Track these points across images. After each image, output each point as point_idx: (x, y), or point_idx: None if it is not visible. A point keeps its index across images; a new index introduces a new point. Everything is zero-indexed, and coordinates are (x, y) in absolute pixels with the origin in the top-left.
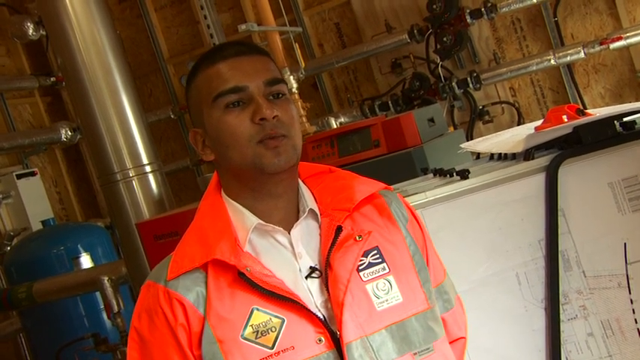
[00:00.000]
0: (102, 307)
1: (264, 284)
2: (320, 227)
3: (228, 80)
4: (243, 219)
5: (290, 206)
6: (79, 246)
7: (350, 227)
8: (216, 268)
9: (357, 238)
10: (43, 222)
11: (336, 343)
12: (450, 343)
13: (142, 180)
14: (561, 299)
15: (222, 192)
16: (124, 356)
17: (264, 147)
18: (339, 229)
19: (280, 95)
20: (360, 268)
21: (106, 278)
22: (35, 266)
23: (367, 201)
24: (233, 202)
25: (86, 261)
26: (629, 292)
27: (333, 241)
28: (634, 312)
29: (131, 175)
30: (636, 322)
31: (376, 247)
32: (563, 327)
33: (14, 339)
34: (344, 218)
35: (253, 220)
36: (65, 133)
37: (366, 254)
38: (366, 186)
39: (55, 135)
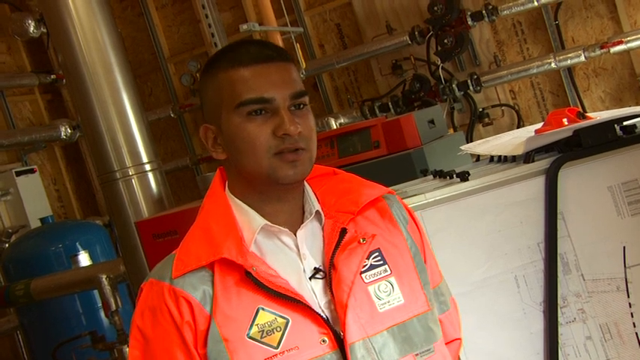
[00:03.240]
0: (100, 305)
1: (270, 284)
2: (323, 229)
3: (254, 89)
4: (249, 219)
5: (295, 208)
6: (77, 244)
7: (354, 230)
8: (222, 267)
9: (362, 240)
10: (42, 219)
11: (340, 343)
12: (446, 344)
13: (142, 179)
14: (560, 302)
15: (227, 190)
16: (120, 355)
17: (280, 160)
18: (343, 232)
19: (302, 106)
20: (363, 270)
21: (104, 276)
22: (33, 264)
23: (370, 204)
24: (238, 201)
25: (84, 259)
26: (628, 296)
27: (337, 242)
28: (632, 316)
29: (131, 173)
30: (634, 326)
31: (378, 250)
32: (562, 330)
33: (11, 336)
34: (348, 221)
35: (260, 221)
36: (65, 131)
37: (368, 256)
38: (370, 190)
39: (54, 132)
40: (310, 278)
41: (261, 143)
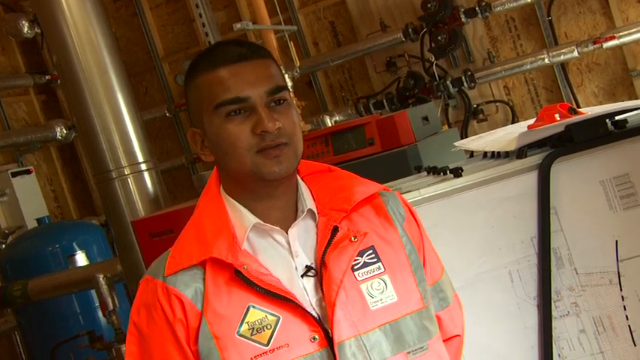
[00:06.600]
0: (97, 304)
1: (260, 282)
2: (317, 226)
3: (230, 89)
4: (241, 218)
5: (288, 206)
6: (74, 244)
7: (346, 227)
8: (214, 265)
9: (353, 238)
10: (38, 220)
11: (330, 341)
12: (445, 340)
13: (138, 178)
14: (553, 296)
15: (222, 189)
16: (118, 354)
17: (263, 156)
18: (335, 229)
19: (282, 101)
20: (355, 267)
21: (101, 276)
22: (30, 264)
23: (365, 201)
24: (232, 200)
25: (81, 259)
26: (621, 289)
27: (328, 240)
28: (625, 309)
29: (126, 173)
30: (627, 319)
31: (372, 247)
32: (556, 324)
33: (9, 337)
34: (341, 219)
35: (252, 219)
36: (60, 131)
37: (361, 254)
38: (364, 187)
39: (50, 133)
40: (302, 276)
41: (241, 142)
